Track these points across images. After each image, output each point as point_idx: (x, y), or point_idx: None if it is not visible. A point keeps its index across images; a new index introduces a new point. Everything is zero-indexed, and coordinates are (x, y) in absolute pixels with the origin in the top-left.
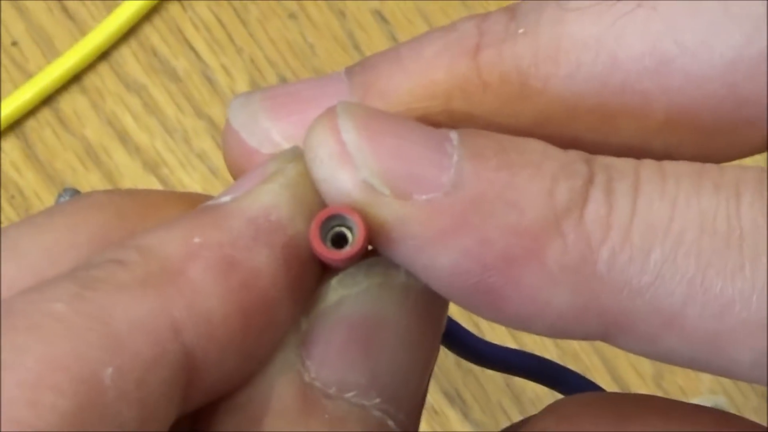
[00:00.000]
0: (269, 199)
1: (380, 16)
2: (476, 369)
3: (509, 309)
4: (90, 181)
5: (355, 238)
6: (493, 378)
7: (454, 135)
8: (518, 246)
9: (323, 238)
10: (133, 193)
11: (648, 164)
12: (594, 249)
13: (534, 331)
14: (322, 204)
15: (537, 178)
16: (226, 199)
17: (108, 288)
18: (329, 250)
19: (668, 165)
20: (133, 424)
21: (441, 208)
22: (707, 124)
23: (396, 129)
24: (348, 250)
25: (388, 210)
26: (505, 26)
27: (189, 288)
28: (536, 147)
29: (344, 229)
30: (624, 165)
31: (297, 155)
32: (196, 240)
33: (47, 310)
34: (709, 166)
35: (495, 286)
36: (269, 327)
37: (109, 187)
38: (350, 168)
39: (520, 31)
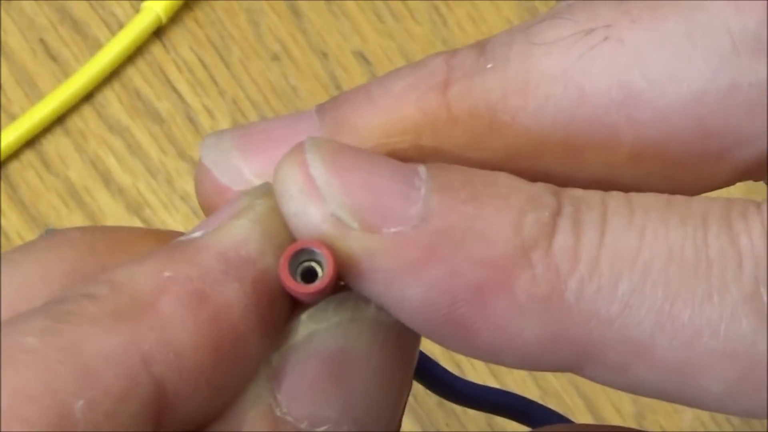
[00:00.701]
0: (239, 233)
1: (362, 57)
2: (458, 409)
3: (479, 341)
4: (73, 222)
5: (324, 272)
6: (474, 418)
7: (422, 169)
8: (487, 277)
9: (293, 273)
10: (105, 230)
11: (616, 196)
12: (562, 279)
13: (505, 363)
14: (292, 239)
15: (505, 209)
16: (197, 234)
17: (79, 321)
18: (298, 285)
19: (636, 197)
20: None
21: (409, 240)
22: (675, 156)
23: (364, 163)
24: (317, 284)
25: (357, 243)
26: (475, 61)
27: (159, 321)
28: (504, 180)
29: (314, 264)
30: (592, 197)
31: (267, 191)
32: (167, 274)
33: (18, 343)
34: (676, 197)
35: (465, 318)
36: (239, 360)
37: None
38: (319, 202)
39: (489, 65)
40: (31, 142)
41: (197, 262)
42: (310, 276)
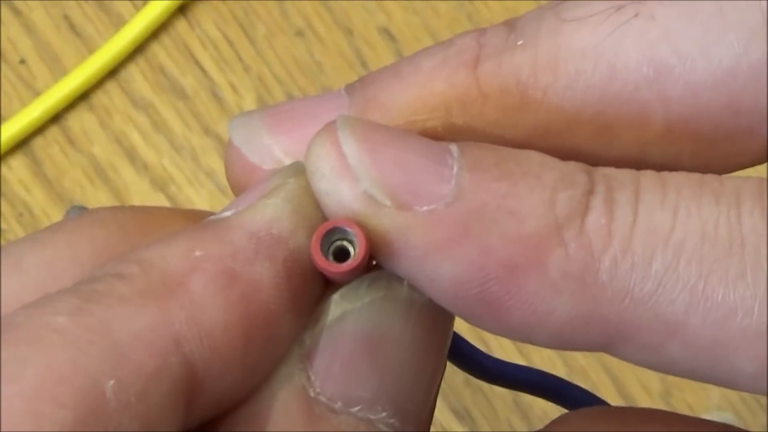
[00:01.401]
0: (271, 212)
1: (387, 34)
2: (485, 386)
3: (511, 319)
4: (98, 198)
5: (357, 251)
6: (501, 395)
7: (453, 147)
8: (520, 255)
9: (325, 252)
10: (136, 210)
11: (648, 174)
12: (596, 257)
13: (537, 342)
14: (324, 218)
15: (537, 188)
16: (227, 213)
17: (109, 301)
18: (330, 264)
19: (668, 175)
20: None
21: (442, 218)
22: (706, 133)
23: (396, 141)
24: (349, 263)
25: (390, 221)
26: (504, 39)
27: (190, 300)
28: (536, 158)
29: (346, 243)
30: (624, 175)
31: (298, 170)
32: (197, 253)
33: (48, 323)
34: (709, 176)
35: (497, 296)
36: (271, 340)
37: (117, 204)
38: (351, 180)
39: (519, 42)
40: (56, 118)
41: (228, 241)
42: (342, 255)
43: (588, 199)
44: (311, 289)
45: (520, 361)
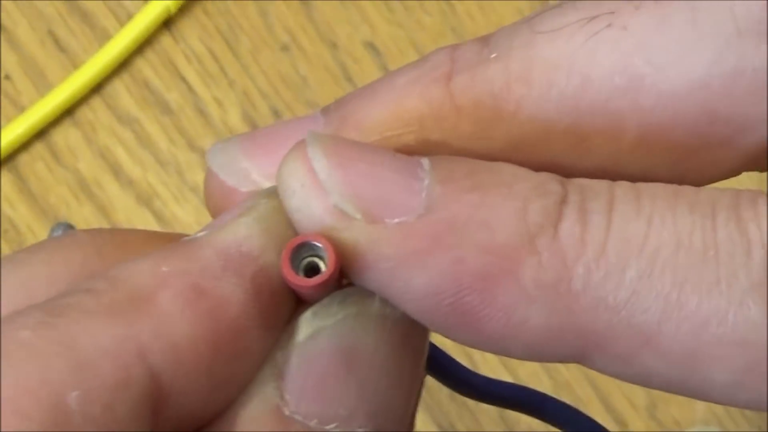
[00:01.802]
0: (240, 231)
1: (372, 47)
2: (470, 402)
3: (485, 330)
4: (83, 214)
5: (326, 265)
6: (486, 411)
7: (425, 161)
8: (493, 264)
9: (295, 268)
10: (113, 232)
11: (623, 185)
12: (569, 266)
13: (511, 353)
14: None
15: (509, 197)
16: (200, 234)
17: (75, 315)
18: (300, 278)
19: (643, 186)
20: None
21: (413, 230)
22: (681, 143)
23: (365, 155)
24: (319, 277)
25: (361, 234)
26: (478, 53)
27: (156, 314)
28: (507, 169)
29: (316, 259)
30: (598, 185)
31: (272, 192)
32: (165, 269)
33: (14, 338)
34: (684, 187)
35: (470, 306)
36: (239, 355)
37: (102, 220)
38: (321, 195)
39: (492, 56)
40: (41, 133)
41: (196, 258)
42: (312, 272)
43: (561, 209)
44: (282, 307)
45: (506, 377)
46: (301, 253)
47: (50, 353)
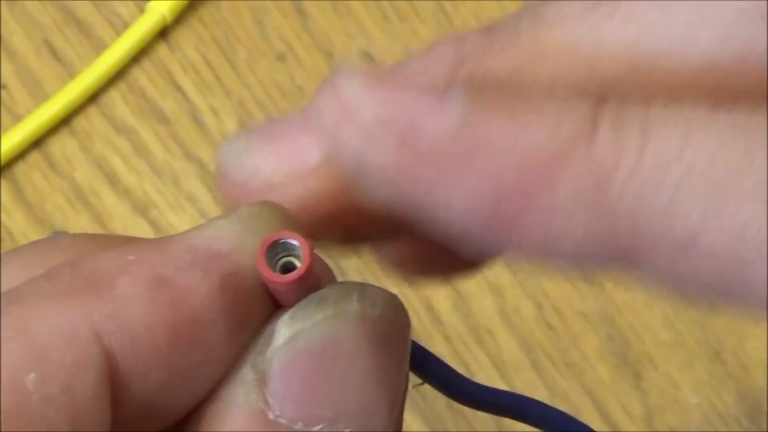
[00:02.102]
0: (215, 230)
1: (368, 57)
2: (466, 410)
3: (526, 239)
4: (79, 223)
5: (301, 261)
6: (483, 419)
7: (455, 86)
8: (530, 174)
9: (271, 267)
10: (96, 236)
11: (657, 102)
12: (608, 173)
13: (555, 261)
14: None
15: (543, 112)
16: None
17: (30, 299)
18: (275, 275)
19: (679, 105)
20: (64, 428)
21: (447, 149)
22: None
23: (399, 81)
24: (294, 272)
25: (395, 157)
26: (483, 43)
27: (113, 297)
28: (538, 89)
29: (292, 259)
30: (633, 99)
31: (257, 202)
32: (130, 257)
33: None
34: (720, 107)
35: (509, 217)
36: (200, 347)
37: (98, 229)
38: (355, 119)
39: (497, 45)
40: (37, 143)
41: (164, 251)
42: (288, 272)
43: (596, 119)
44: (253, 309)
45: (502, 385)
46: (277, 252)
47: (5, 338)
